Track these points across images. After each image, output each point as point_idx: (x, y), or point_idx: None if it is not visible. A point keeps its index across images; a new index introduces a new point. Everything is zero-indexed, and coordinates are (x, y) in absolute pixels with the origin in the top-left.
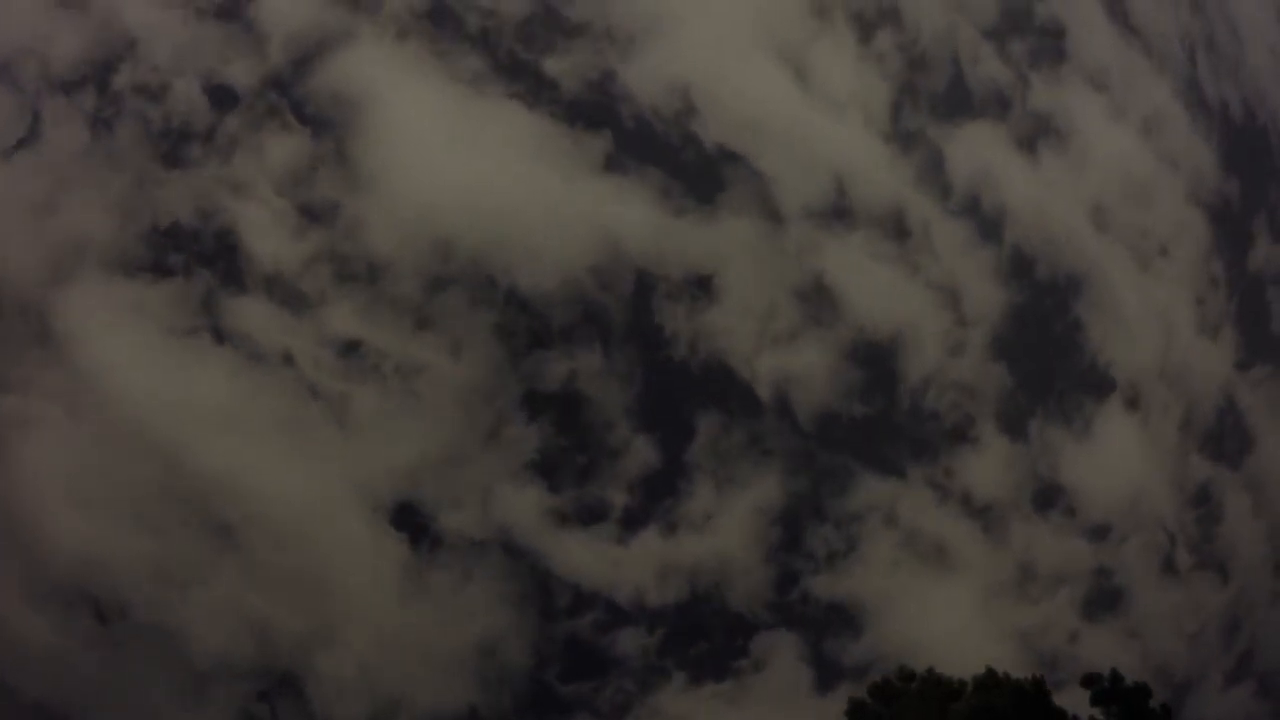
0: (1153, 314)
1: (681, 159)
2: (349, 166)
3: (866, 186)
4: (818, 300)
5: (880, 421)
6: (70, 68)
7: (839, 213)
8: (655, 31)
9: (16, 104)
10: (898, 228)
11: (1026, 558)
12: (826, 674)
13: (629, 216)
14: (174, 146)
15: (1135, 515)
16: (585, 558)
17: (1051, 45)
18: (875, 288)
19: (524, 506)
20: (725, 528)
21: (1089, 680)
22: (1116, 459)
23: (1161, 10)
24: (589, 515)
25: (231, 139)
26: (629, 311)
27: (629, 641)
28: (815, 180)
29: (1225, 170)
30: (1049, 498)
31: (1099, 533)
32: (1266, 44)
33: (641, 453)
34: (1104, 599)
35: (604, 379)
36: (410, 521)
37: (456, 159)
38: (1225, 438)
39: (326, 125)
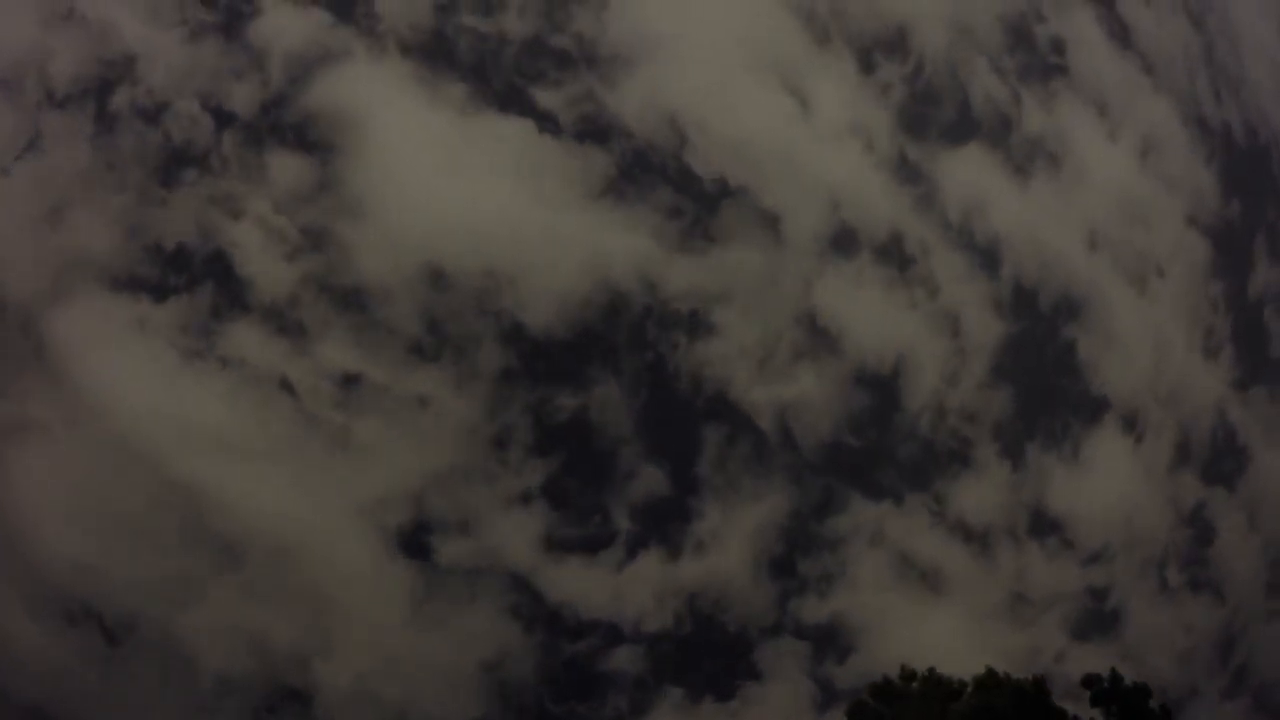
0: (1151, 337)
1: (680, 187)
2: (347, 191)
3: (865, 213)
4: (817, 329)
5: (879, 448)
6: (68, 84)
7: (838, 240)
8: (654, 59)
9: (14, 119)
10: (897, 255)
11: (1024, 581)
12: (824, 695)
13: (628, 245)
14: (172, 166)
15: (1133, 538)
16: (584, 582)
17: (1053, 70)
18: (874, 315)
19: (523, 531)
20: (725, 553)
21: (1089, 681)
22: (1115, 482)
23: (1165, 32)
24: (588, 540)
25: (230, 160)
26: (628, 341)
27: (628, 662)
28: (814, 208)
29: (1225, 190)
30: (1048, 522)
31: (1097, 556)
32: (1268, 61)
33: (641, 480)
34: (1100, 621)
35: (603, 408)
36: (412, 544)
37: (455, 186)
38: (1223, 460)
39: (324, 149)
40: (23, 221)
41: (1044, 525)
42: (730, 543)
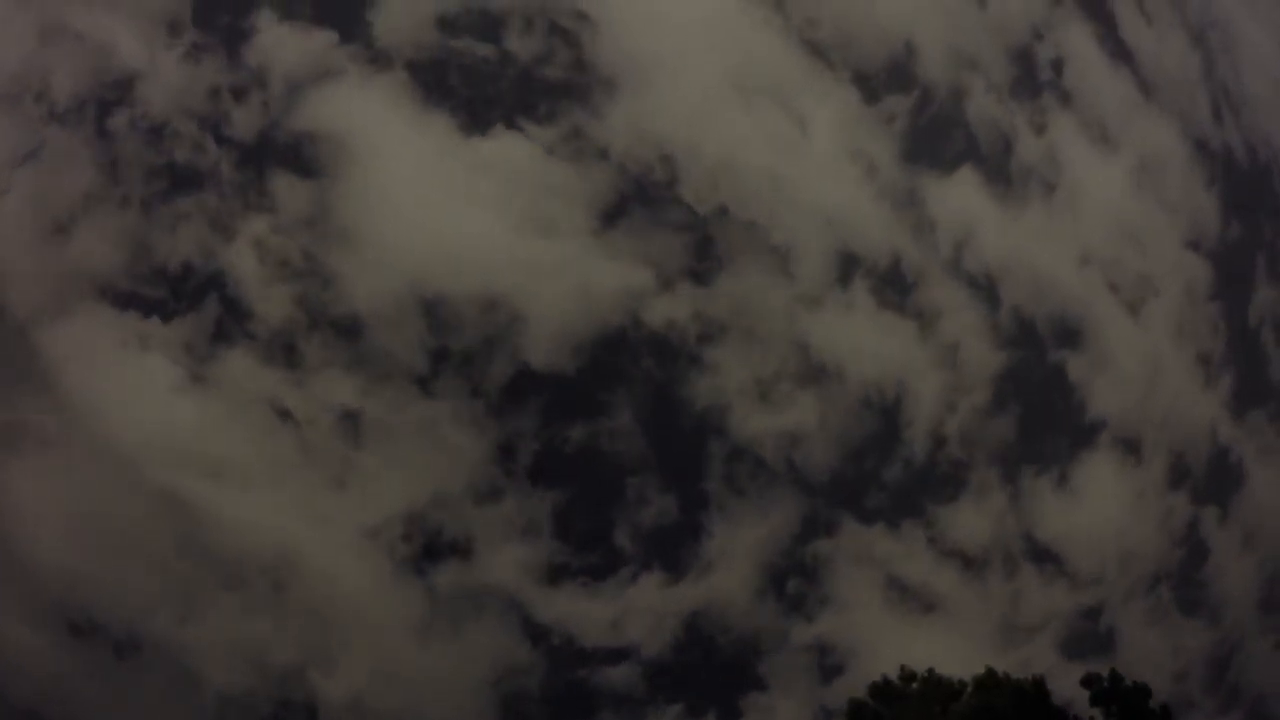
0: (1149, 361)
1: (678, 215)
2: (345, 216)
3: (864, 241)
4: (815, 357)
5: (877, 474)
6: (65, 101)
7: (837, 268)
8: (652, 86)
9: (11, 135)
10: (895, 282)
11: (1020, 604)
12: (823, 716)
13: (626, 273)
14: (169, 185)
15: (1130, 561)
16: (584, 606)
17: (1053, 94)
18: (873, 343)
19: (524, 557)
20: (724, 578)
21: (1089, 680)
22: (1112, 506)
23: (1167, 54)
24: (588, 566)
25: (227, 181)
26: (625, 370)
27: (630, 683)
28: (813, 236)
29: (1225, 211)
30: (1045, 545)
31: (1093, 579)
32: (1270, 80)
33: (642, 507)
34: (1095, 642)
35: (602, 437)
36: (412, 568)
37: (456, 213)
38: (1220, 482)
39: (321, 172)
40: (19, 236)
41: (1041, 549)
42: (730, 568)
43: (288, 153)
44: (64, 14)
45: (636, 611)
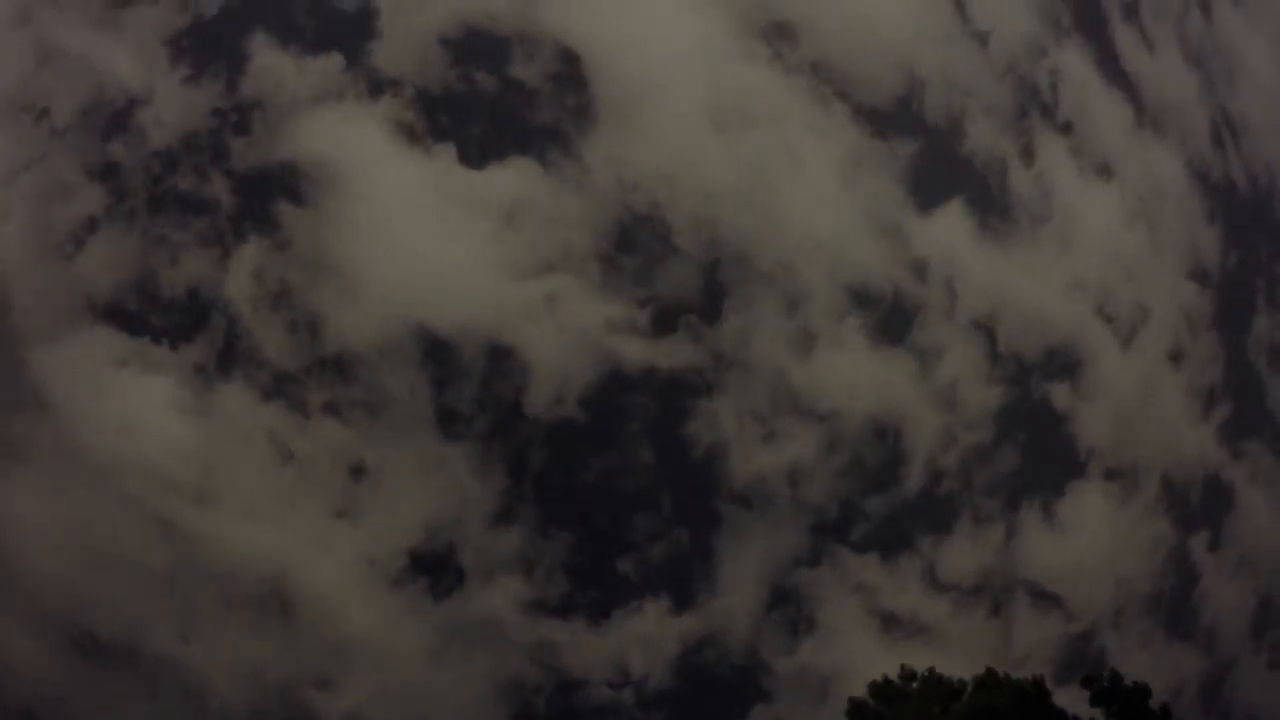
0: (1146, 393)
1: (675, 252)
2: (336, 247)
3: (861, 276)
4: (812, 393)
5: (875, 509)
6: (63, 124)
7: (833, 303)
8: (647, 122)
9: (8, 158)
10: (893, 315)
11: (1016, 634)
12: None
13: (623, 310)
14: (167, 212)
15: (1124, 590)
16: (581, 639)
17: (1049, 126)
18: (870, 379)
19: (518, 589)
20: (722, 611)
21: (1088, 681)
22: (1106, 537)
23: (1169, 82)
24: (583, 601)
25: (222, 210)
26: (624, 406)
27: (629, 714)
28: (810, 271)
29: (1225, 240)
30: (1041, 576)
31: (1087, 609)
32: (1271, 106)
33: (641, 541)
34: (1087, 671)
35: (600, 473)
36: (409, 600)
37: (453, 249)
38: (1213, 513)
39: (311, 202)
40: (19, 257)
41: (1036, 578)
42: (729, 599)
43: (283, 180)
44: (64, 37)
45: (637, 642)
